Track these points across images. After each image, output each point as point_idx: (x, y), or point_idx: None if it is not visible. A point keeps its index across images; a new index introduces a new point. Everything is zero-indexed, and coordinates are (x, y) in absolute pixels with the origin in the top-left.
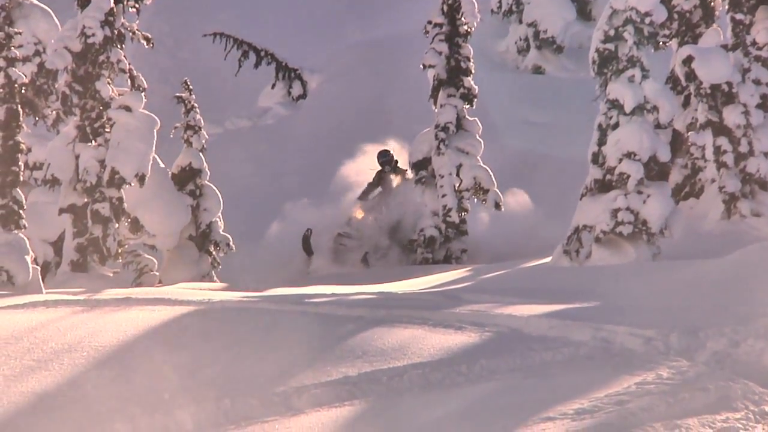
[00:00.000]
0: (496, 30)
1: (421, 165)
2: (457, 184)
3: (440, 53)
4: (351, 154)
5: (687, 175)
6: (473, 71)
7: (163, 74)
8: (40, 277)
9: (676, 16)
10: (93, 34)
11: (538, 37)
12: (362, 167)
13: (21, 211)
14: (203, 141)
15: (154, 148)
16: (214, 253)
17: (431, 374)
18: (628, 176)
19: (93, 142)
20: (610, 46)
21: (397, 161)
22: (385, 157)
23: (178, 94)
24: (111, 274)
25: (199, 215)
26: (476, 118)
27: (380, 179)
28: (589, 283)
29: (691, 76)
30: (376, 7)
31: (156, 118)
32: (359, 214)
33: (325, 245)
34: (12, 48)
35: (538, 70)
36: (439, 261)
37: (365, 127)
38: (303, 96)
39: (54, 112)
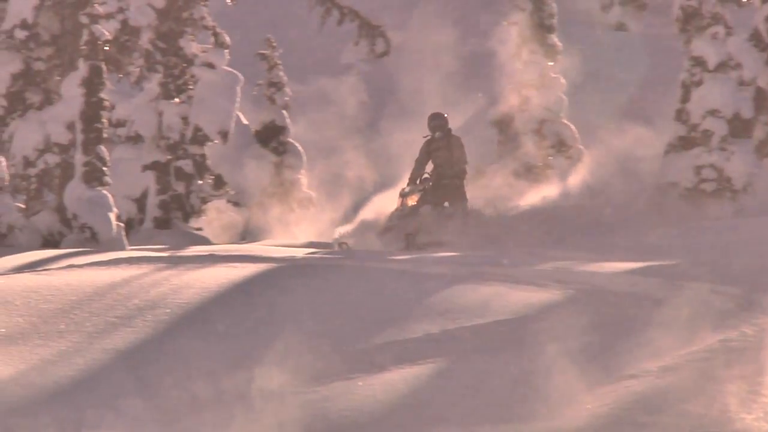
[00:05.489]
0: None
1: (501, 123)
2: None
3: (524, 10)
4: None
5: None
6: (556, 28)
7: (246, 31)
8: (123, 233)
9: None
10: None
11: None
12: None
13: (105, 168)
14: (286, 98)
15: (237, 105)
16: (297, 209)
17: (514, 331)
18: (712, 133)
19: (176, 99)
20: (694, 2)
21: (450, 129)
22: (436, 121)
23: (261, 51)
24: (194, 231)
25: (282, 172)
26: (560, 75)
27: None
28: (673, 240)
29: None
30: None
31: (239, 75)
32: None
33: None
34: (95, 5)
35: (621, 26)
36: None
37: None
38: (386, 52)
39: (137, 69)
